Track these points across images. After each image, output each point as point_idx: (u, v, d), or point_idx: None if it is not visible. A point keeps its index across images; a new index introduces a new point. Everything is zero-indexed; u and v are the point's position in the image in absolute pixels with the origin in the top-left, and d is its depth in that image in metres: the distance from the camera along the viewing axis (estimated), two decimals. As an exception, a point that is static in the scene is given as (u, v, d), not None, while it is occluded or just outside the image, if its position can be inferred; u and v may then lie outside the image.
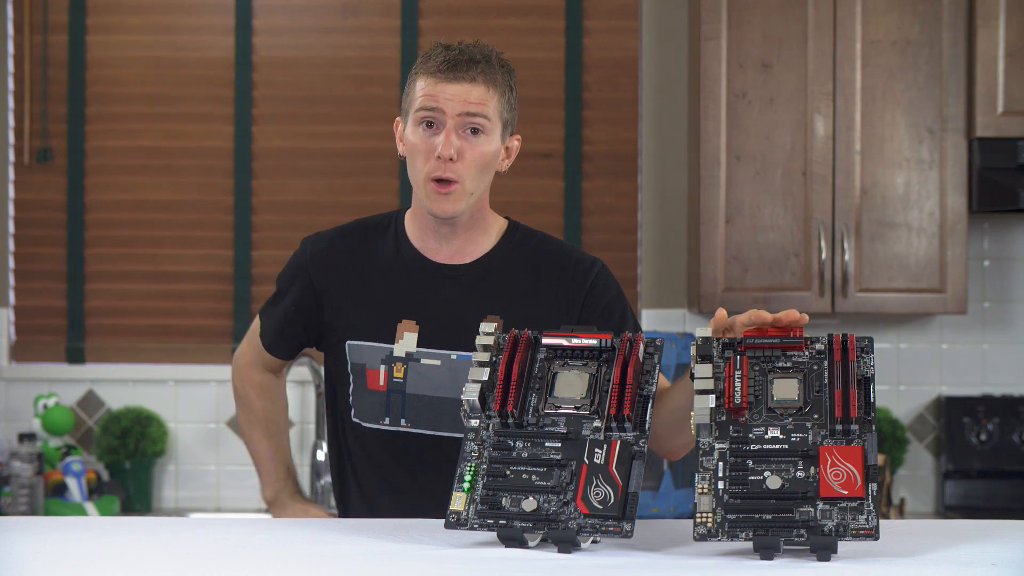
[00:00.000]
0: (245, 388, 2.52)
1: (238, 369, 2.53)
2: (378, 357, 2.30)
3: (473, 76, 2.23)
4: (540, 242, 2.37)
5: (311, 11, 4.30)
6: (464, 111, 2.22)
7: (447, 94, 2.22)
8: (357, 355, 2.32)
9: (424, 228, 2.34)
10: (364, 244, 2.37)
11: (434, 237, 2.33)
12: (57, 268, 4.28)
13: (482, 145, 2.24)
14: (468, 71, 2.23)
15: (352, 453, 2.37)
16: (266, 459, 2.51)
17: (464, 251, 2.34)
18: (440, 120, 2.23)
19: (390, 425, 2.30)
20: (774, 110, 3.94)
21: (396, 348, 2.29)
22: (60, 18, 4.27)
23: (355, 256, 2.36)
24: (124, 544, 1.90)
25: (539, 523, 1.78)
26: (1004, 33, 3.91)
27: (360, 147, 4.28)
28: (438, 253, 2.34)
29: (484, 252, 2.34)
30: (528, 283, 2.32)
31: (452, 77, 2.22)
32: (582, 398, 1.88)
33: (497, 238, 2.36)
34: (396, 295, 2.32)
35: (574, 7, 4.28)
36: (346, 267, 2.35)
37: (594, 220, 4.29)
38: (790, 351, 1.88)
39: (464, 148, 2.23)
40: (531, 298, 2.32)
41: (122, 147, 4.28)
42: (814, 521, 1.72)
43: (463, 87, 2.22)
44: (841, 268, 3.92)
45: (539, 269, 2.33)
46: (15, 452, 3.90)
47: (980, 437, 4.16)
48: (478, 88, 2.23)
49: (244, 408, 2.53)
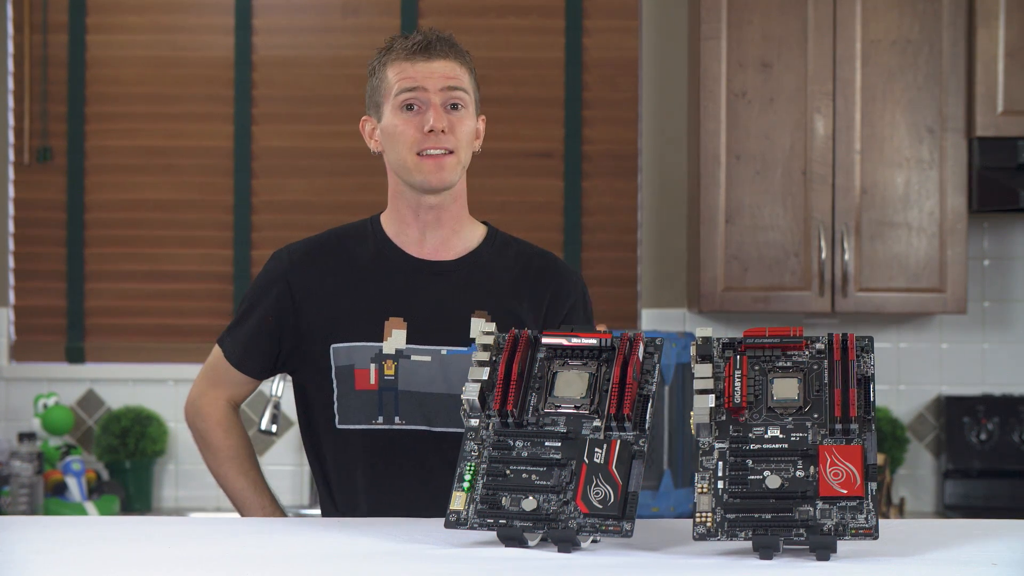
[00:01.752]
0: (206, 427, 2.40)
1: (197, 410, 2.42)
2: (367, 356, 2.29)
3: (446, 53, 2.29)
4: (522, 245, 2.42)
5: (311, 11, 4.30)
6: (446, 85, 2.28)
7: (426, 71, 2.28)
8: (344, 357, 2.30)
9: (406, 221, 2.34)
10: (342, 250, 2.36)
11: (417, 227, 2.34)
12: (57, 268, 4.28)
13: (465, 119, 2.30)
14: (440, 49, 2.29)
15: (340, 464, 2.32)
16: (248, 496, 2.38)
17: (449, 244, 2.35)
18: (423, 99, 2.28)
19: (384, 424, 2.29)
20: (774, 110, 3.95)
21: (385, 346, 2.28)
22: (60, 18, 4.27)
23: (335, 261, 2.34)
24: (124, 544, 1.90)
25: (539, 523, 1.78)
26: (1004, 33, 3.91)
27: (360, 147, 4.21)
28: (422, 248, 2.34)
29: (470, 249, 2.36)
30: (515, 280, 2.35)
31: (428, 56, 2.28)
32: (582, 398, 1.88)
33: (481, 238, 2.38)
34: (381, 294, 2.31)
35: (574, 7, 4.28)
36: (327, 272, 2.33)
37: (594, 220, 4.29)
38: (790, 351, 1.88)
39: (452, 120, 2.28)
40: (518, 295, 2.34)
41: (122, 147, 4.28)
42: (813, 520, 1.72)
43: (439, 63, 2.28)
44: (841, 268, 3.92)
45: (525, 268, 2.37)
46: (15, 451, 3.90)
47: (980, 436, 4.16)
48: (452, 63, 2.29)
49: (209, 450, 2.41)
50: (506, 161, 4.27)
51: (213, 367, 2.42)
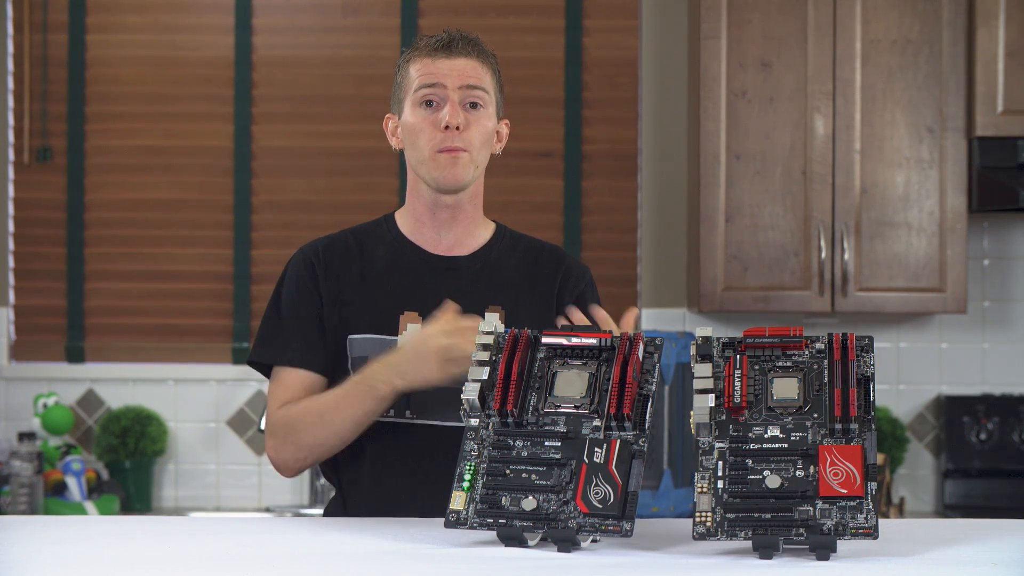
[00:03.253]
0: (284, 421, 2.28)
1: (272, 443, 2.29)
2: (381, 349, 2.28)
3: (468, 52, 2.30)
4: (532, 241, 2.44)
5: (311, 10, 4.30)
6: (464, 83, 2.28)
7: (446, 68, 2.29)
8: (359, 348, 2.31)
9: (421, 218, 2.36)
10: (358, 247, 2.38)
11: (432, 225, 2.35)
12: (57, 267, 4.28)
13: (483, 119, 2.31)
14: (462, 47, 2.30)
15: (351, 454, 2.32)
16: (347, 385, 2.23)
17: (463, 242, 2.37)
18: (441, 96, 2.28)
19: (395, 417, 2.28)
20: (774, 109, 3.94)
21: (400, 339, 2.29)
22: (60, 17, 4.27)
23: (351, 257, 2.36)
24: (124, 543, 1.90)
25: (539, 522, 1.78)
26: (1004, 32, 3.91)
27: (360, 146, 4.28)
28: (437, 245, 2.36)
29: (481, 244, 2.38)
30: (526, 275, 2.37)
31: (449, 53, 2.30)
32: (582, 397, 1.88)
33: (491, 236, 2.41)
34: (396, 289, 2.33)
35: (574, 6, 4.28)
36: (343, 266, 2.35)
37: (594, 219, 4.29)
38: (790, 350, 1.88)
39: (469, 119, 2.29)
40: (529, 291, 2.36)
41: (122, 146, 4.28)
42: (813, 520, 1.72)
43: (460, 61, 2.29)
44: (841, 267, 3.92)
45: (535, 263, 2.39)
46: (15, 451, 3.90)
47: (980, 436, 4.16)
48: (474, 62, 2.30)
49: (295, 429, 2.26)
50: (506, 161, 4.24)
51: (273, 394, 2.33)
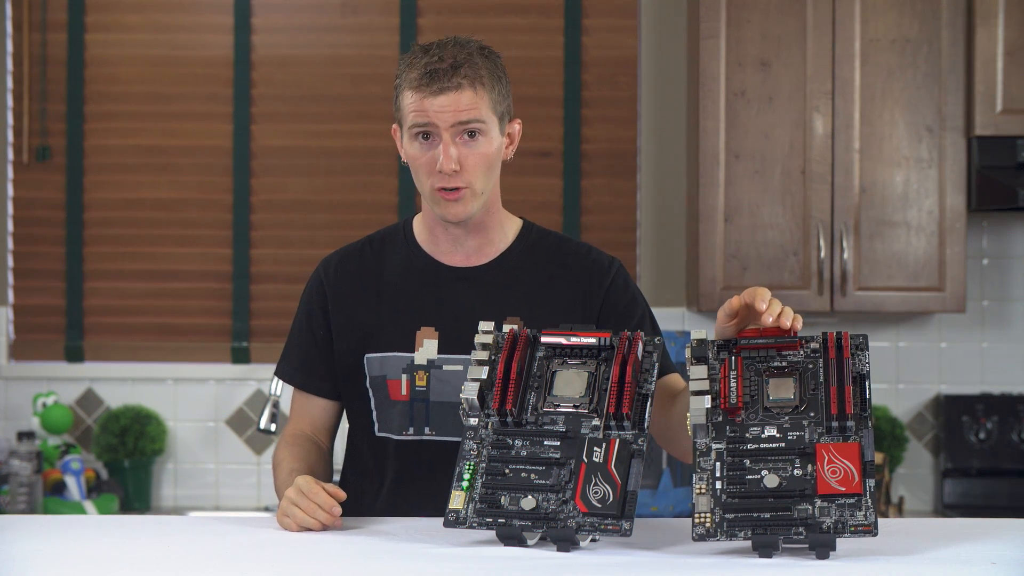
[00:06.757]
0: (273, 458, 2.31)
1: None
2: (399, 367, 2.26)
3: (458, 83, 2.16)
4: (556, 241, 2.35)
5: (310, 10, 4.30)
6: (456, 121, 2.17)
7: (435, 107, 2.15)
8: (377, 367, 2.28)
9: (435, 231, 2.31)
10: (375, 256, 2.34)
11: (446, 240, 2.31)
12: (56, 267, 4.28)
13: (482, 147, 2.20)
14: (451, 79, 2.16)
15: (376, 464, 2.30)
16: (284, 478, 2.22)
17: (481, 250, 2.31)
18: (435, 132, 2.18)
19: (414, 435, 2.25)
20: (773, 109, 3.95)
21: (417, 356, 2.26)
22: (59, 16, 4.27)
23: (367, 270, 2.32)
24: (123, 543, 1.90)
25: (538, 522, 1.78)
26: (1003, 32, 3.91)
27: (359, 146, 4.28)
28: (452, 256, 2.31)
29: (500, 252, 2.31)
30: (546, 282, 2.29)
31: (437, 90, 2.15)
32: (581, 397, 1.89)
33: (513, 238, 2.33)
34: (412, 303, 2.29)
35: (573, 6, 4.28)
36: (359, 281, 2.32)
37: (593, 219, 4.29)
38: (785, 351, 1.89)
39: (465, 155, 2.19)
40: (549, 298, 2.28)
41: (121, 146, 4.28)
42: (812, 519, 1.73)
43: (450, 97, 2.16)
44: (840, 267, 3.92)
45: (556, 268, 2.31)
46: (14, 450, 3.90)
47: (979, 436, 4.16)
48: (465, 94, 2.16)
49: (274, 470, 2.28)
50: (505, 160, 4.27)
51: (290, 407, 2.40)
